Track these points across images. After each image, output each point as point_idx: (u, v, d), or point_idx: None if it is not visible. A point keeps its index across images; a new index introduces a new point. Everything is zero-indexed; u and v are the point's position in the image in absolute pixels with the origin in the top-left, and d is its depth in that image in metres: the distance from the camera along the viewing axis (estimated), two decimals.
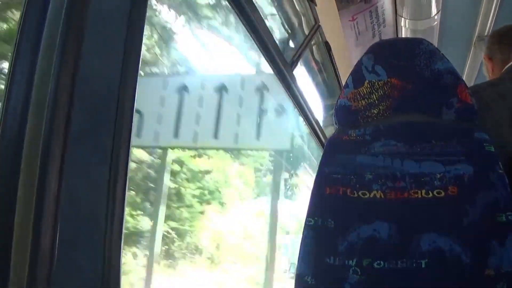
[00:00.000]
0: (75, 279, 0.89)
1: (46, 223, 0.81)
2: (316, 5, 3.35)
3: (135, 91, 1.04)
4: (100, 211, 0.95)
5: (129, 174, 1.01)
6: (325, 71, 4.18)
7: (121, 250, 0.99)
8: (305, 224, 1.44)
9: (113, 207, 0.97)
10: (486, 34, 3.99)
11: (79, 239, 0.91)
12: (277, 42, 2.73)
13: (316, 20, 3.45)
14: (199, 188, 6.97)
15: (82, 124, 0.92)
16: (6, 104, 0.88)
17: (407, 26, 3.77)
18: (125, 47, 1.03)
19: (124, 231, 1.00)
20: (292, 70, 3.03)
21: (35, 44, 0.89)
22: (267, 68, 2.90)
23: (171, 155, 6.24)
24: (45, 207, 0.82)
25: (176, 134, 5.03)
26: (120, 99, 1.00)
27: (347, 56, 3.91)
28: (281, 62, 2.77)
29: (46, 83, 0.86)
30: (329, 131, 4.11)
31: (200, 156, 6.86)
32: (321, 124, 3.96)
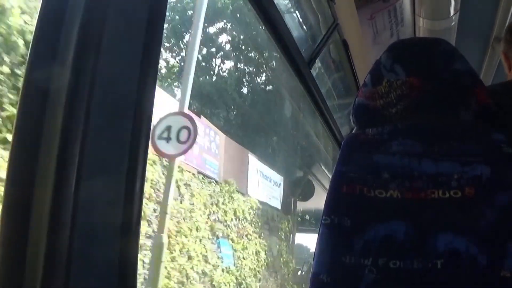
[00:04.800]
0: (91, 275, 0.89)
1: (63, 218, 0.82)
2: (335, 3, 3.34)
3: (154, 86, 1.04)
4: (117, 207, 0.95)
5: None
6: (343, 70, 4.18)
7: (138, 246, 1.00)
8: (321, 222, 1.44)
9: (131, 203, 0.97)
10: (503, 35, 3.95)
11: (96, 234, 0.91)
12: (294, 40, 2.73)
13: (334, 18, 3.44)
14: None
15: (101, 119, 0.92)
16: (23, 99, 0.88)
17: (425, 26, 3.75)
18: (145, 43, 1.03)
19: (140, 227, 1.01)
20: (310, 68, 3.02)
21: (53, 40, 0.90)
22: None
23: None
24: (62, 203, 0.82)
25: None
26: (140, 92, 1.01)
27: (365, 55, 3.90)
28: (299, 60, 2.77)
29: (65, 76, 0.87)
30: (345, 131, 4.11)
31: None
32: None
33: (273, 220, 13.66)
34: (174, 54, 17.70)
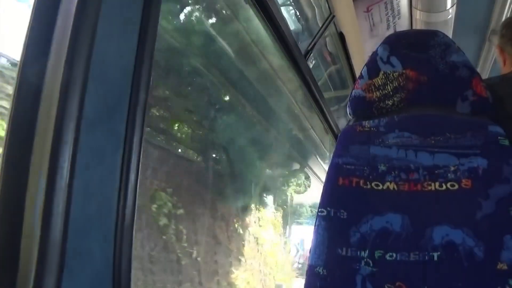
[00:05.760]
0: (86, 268, 0.89)
1: (57, 211, 0.81)
2: None
3: (150, 76, 1.04)
4: (112, 199, 0.95)
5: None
6: (339, 62, 4.17)
7: (133, 239, 0.99)
8: (318, 214, 1.44)
9: (125, 195, 0.96)
10: (499, 30, 3.96)
11: (90, 227, 0.91)
12: (291, 32, 2.72)
13: (331, 10, 3.44)
14: None
15: (95, 110, 0.91)
16: (18, 88, 0.87)
17: (421, 18, 3.75)
18: (140, 31, 1.03)
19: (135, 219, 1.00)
20: (307, 61, 3.02)
21: (48, 28, 0.89)
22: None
23: None
24: (56, 194, 0.81)
25: None
26: (135, 84, 1.00)
27: (361, 48, 3.90)
28: (295, 52, 2.76)
29: (59, 67, 0.86)
30: (342, 123, 4.11)
31: None
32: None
33: None
34: None
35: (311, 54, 3.16)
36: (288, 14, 3.67)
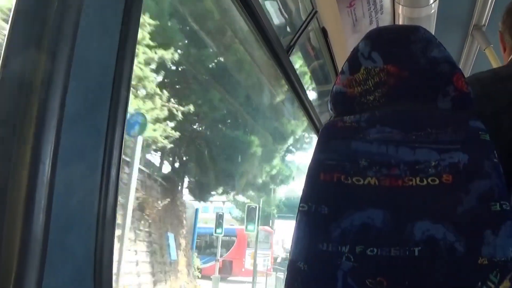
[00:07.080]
0: (67, 263, 0.89)
1: (38, 207, 0.81)
2: None
3: (131, 73, 1.04)
4: (93, 194, 0.95)
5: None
6: (321, 57, 4.17)
7: (114, 235, 0.99)
8: (299, 209, 1.44)
9: (106, 190, 0.96)
10: (483, 23, 3.98)
11: (72, 222, 0.91)
12: (274, 27, 2.72)
13: (313, 5, 3.44)
14: None
15: (76, 106, 0.91)
16: None
17: (404, 13, 3.75)
18: (122, 28, 1.03)
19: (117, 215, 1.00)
20: (289, 56, 3.02)
21: (30, 24, 0.89)
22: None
23: None
24: (38, 190, 0.81)
25: None
26: (116, 81, 1.00)
27: (344, 43, 3.90)
28: (278, 47, 2.76)
29: (40, 63, 0.86)
30: (324, 118, 4.11)
31: None
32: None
33: None
34: None
35: (294, 49, 3.16)
36: (271, 8, 3.66)
